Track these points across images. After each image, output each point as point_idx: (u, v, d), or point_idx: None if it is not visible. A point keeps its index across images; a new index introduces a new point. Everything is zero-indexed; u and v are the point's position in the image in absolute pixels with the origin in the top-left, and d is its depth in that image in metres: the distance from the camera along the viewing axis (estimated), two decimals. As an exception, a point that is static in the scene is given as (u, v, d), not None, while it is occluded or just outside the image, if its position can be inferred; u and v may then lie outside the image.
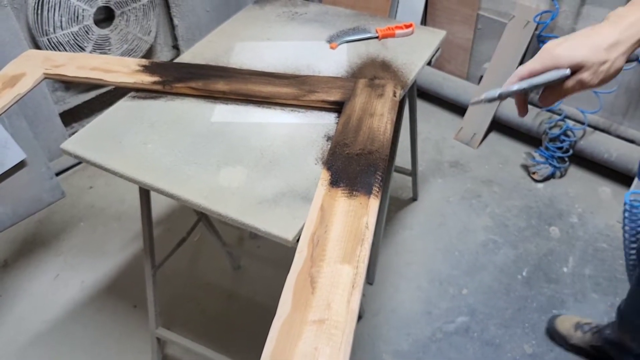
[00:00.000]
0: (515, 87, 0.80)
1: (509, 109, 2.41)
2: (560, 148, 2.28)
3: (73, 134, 2.56)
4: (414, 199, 2.27)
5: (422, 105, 2.76)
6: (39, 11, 2.14)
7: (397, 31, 1.59)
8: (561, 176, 2.34)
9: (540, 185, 2.32)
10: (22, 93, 1.39)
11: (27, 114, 2.20)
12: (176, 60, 1.56)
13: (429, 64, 1.54)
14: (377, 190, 1.08)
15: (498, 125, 2.56)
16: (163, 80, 1.41)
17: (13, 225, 2.22)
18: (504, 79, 2.41)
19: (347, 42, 1.58)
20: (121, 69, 1.45)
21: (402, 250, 2.07)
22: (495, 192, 2.30)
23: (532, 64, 0.80)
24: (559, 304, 1.86)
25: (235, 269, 2.03)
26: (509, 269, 1.99)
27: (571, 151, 2.28)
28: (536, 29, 2.24)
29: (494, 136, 2.57)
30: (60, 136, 2.43)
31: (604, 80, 0.78)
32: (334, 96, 1.34)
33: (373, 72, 1.47)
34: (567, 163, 2.32)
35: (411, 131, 1.96)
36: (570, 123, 2.27)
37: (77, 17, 2.25)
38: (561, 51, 0.78)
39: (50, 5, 2.15)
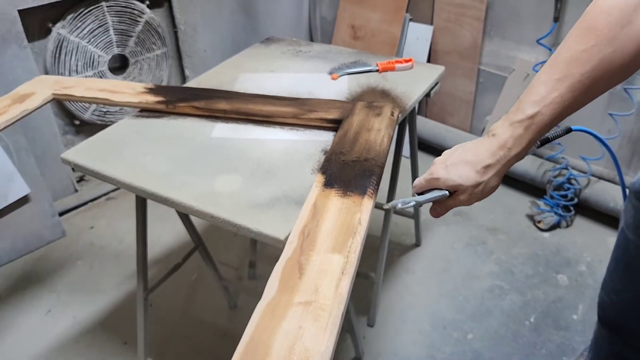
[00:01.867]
0: (405, 205, 0.93)
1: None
2: (564, 196, 2.26)
3: (79, 177, 2.62)
4: (417, 244, 2.23)
5: (425, 158, 2.78)
6: (57, 54, 2.25)
7: (397, 65, 1.64)
8: (567, 226, 2.30)
9: (546, 234, 2.27)
10: (29, 109, 1.42)
11: (35, 152, 2.24)
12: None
13: (427, 95, 1.57)
14: (372, 191, 1.06)
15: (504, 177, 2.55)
16: (167, 100, 1.45)
17: (11, 261, 2.20)
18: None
19: (348, 74, 1.63)
20: (128, 90, 1.50)
21: (404, 293, 2.01)
22: (500, 239, 2.25)
23: (421, 180, 0.93)
24: (569, 351, 1.76)
25: (232, 308, 1.96)
26: (516, 315, 1.90)
27: (576, 200, 2.25)
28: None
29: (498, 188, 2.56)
30: (66, 177, 2.46)
31: (480, 199, 0.89)
32: (333, 114, 1.36)
33: (372, 98, 1.50)
34: (573, 212, 2.29)
35: (412, 167, 1.96)
36: (574, 171, 2.26)
37: (93, 63, 2.36)
38: (441, 174, 0.88)
39: (68, 49, 2.26)
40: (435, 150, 2.75)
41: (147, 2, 2.45)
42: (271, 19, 2.99)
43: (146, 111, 1.47)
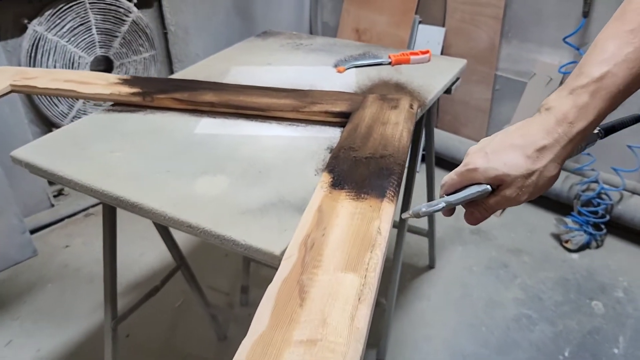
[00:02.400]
0: (432, 208, 0.67)
1: (534, 173, 2.19)
2: (595, 213, 2.03)
3: (57, 192, 2.38)
4: (431, 266, 1.99)
5: (437, 172, 2.55)
6: (33, 54, 2.03)
7: (413, 57, 1.43)
8: (598, 246, 2.06)
9: (575, 255, 2.03)
10: (-20, 101, 1.20)
11: (4, 162, 2.01)
12: (164, 81, 1.39)
13: (447, 91, 1.35)
14: (392, 194, 0.83)
15: (522, 193, 2.32)
16: (143, 91, 1.23)
17: (-29, 284, 1.95)
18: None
19: (356, 66, 1.42)
20: (98, 81, 1.27)
21: (418, 323, 1.76)
22: (524, 262, 2.01)
23: (453, 176, 0.69)
24: (614, 392, 1.51)
25: (221, 340, 1.70)
26: (548, 348, 1.65)
27: (608, 217, 2.02)
28: (561, 82, 2.09)
29: (518, 203, 2.33)
30: (41, 191, 2.23)
31: (534, 194, 0.65)
32: (340, 107, 1.14)
33: (385, 91, 1.28)
34: (604, 230, 2.05)
35: (428, 179, 1.73)
36: (605, 185, 2.03)
37: (73, 64, 2.15)
38: (479, 163, 0.65)
39: (45, 49, 2.05)
40: (447, 164, 2.52)
41: (135, 1, 2.25)
42: (269, 24, 2.79)
43: (120, 105, 1.25)
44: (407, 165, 1.04)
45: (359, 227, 0.75)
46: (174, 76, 1.39)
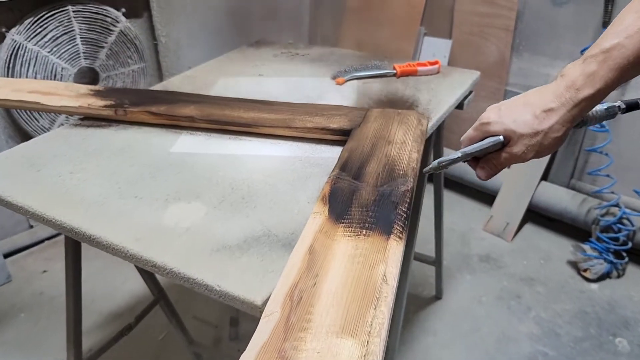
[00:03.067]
0: (450, 158, 0.74)
1: (548, 196, 2.04)
2: (615, 240, 1.87)
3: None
4: (438, 297, 1.82)
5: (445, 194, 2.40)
6: (11, 64, 1.90)
7: (420, 68, 1.29)
8: (619, 275, 1.90)
9: (594, 285, 1.87)
10: None
11: (-22, 179, 1.86)
12: (142, 93, 1.25)
13: (459, 106, 1.21)
14: (400, 229, 0.68)
15: (535, 215, 2.17)
16: (116, 104, 1.08)
17: (-64, 313, 1.79)
18: (538, 161, 2.01)
19: (357, 78, 1.27)
20: (66, 92, 1.13)
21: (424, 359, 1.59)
22: (538, 292, 1.85)
23: (470, 131, 0.74)
24: None
25: (206, 380, 1.54)
26: (569, 392, 1.48)
27: (630, 244, 1.86)
28: (577, 100, 1.94)
29: (530, 227, 2.17)
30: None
31: (540, 153, 0.69)
32: (339, 123, 0.99)
33: (390, 106, 1.13)
34: (626, 259, 1.89)
35: (435, 202, 1.58)
36: (627, 209, 1.88)
37: (55, 76, 2.01)
38: (491, 118, 0.70)
39: (25, 59, 1.91)
40: (454, 184, 2.37)
41: (123, 10, 2.12)
42: (266, 37, 2.66)
43: (90, 119, 1.10)
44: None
45: (359, 273, 0.60)
46: (154, 87, 1.25)
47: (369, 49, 2.45)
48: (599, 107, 0.73)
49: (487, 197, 2.28)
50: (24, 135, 2.06)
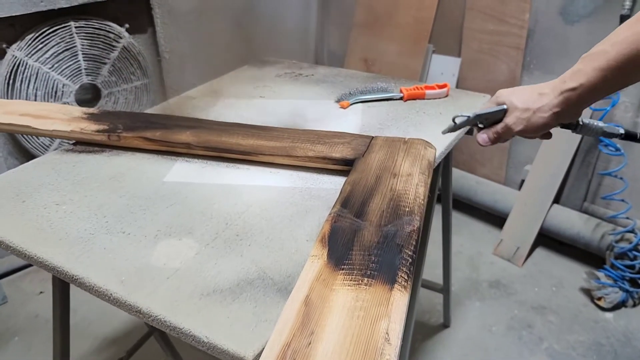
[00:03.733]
0: (464, 116, 0.85)
1: (560, 220, 1.97)
2: (631, 267, 1.79)
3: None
4: (446, 325, 1.75)
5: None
6: (11, 81, 1.86)
7: (429, 91, 1.23)
8: (635, 304, 1.82)
9: (609, 315, 1.80)
10: None
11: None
12: (139, 115, 1.20)
13: (469, 132, 1.15)
14: (406, 277, 0.62)
15: (546, 239, 2.10)
16: (109, 128, 1.04)
17: None
18: (550, 183, 1.95)
19: (363, 101, 1.22)
20: (59, 115, 1.09)
21: (431, 395, 1.52)
22: (551, 322, 1.77)
23: (484, 103, 0.89)
24: None
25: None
26: None
27: (646, 272, 1.79)
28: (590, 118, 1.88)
29: (542, 252, 2.10)
30: (17, 229, 2.03)
31: (528, 130, 0.80)
32: (341, 152, 0.94)
33: (396, 132, 1.08)
34: (643, 287, 1.82)
35: (444, 226, 1.52)
36: (643, 236, 1.81)
37: (56, 93, 1.97)
38: (504, 92, 0.83)
39: (25, 75, 1.88)
40: (462, 205, 2.31)
41: (127, 26, 2.09)
42: (272, 52, 2.61)
43: (82, 144, 1.06)
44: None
45: (359, 330, 0.54)
46: (151, 110, 1.21)
47: (376, 66, 2.40)
48: (599, 122, 0.83)
49: (496, 220, 2.21)
50: (24, 152, 2.03)
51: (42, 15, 1.86)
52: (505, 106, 0.81)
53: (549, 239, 2.10)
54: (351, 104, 1.21)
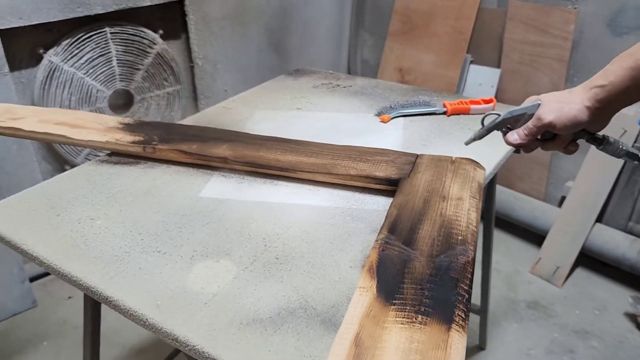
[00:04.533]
0: (495, 118, 0.83)
1: (604, 240, 1.89)
2: (681, 293, 1.70)
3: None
4: (481, 347, 1.68)
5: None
6: (46, 86, 1.87)
7: (474, 106, 1.18)
8: (684, 333, 1.72)
9: (656, 342, 1.70)
10: (-48, 145, 1.00)
11: (9, 202, 1.83)
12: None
13: (517, 150, 1.08)
14: (463, 317, 0.57)
15: (588, 259, 2.01)
16: (145, 139, 1.01)
17: (-40, 338, 1.75)
18: (594, 201, 1.86)
19: (404, 115, 1.17)
20: (94, 125, 1.07)
21: (466, 422, 1.45)
22: (594, 347, 1.69)
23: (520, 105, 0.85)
24: None
25: None
26: None
27: (697, 298, 1.69)
28: (638, 135, 1.79)
29: (582, 272, 2.01)
30: (48, 233, 2.04)
31: (560, 120, 0.77)
32: (385, 171, 0.89)
33: (442, 150, 1.03)
34: (693, 315, 1.72)
35: (484, 247, 1.46)
36: (694, 260, 1.71)
37: (90, 98, 1.98)
38: (532, 97, 0.82)
39: (60, 80, 1.88)
40: (499, 220, 2.23)
41: (161, 32, 2.09)
42: (305, 60, 2.60)
43: (117, 155, 1.04)
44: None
45: (416, 377, 0.49)
46: (186, 121, 1.18)
47: (412, 75, 2.35)
48: (623, 143, 0.81)
49: (535, 237, 2.13)
50: (57, 156, 2.03)
51: (78, 21, 1.87)
52: (539, 102, 0.80)
53: (590, 259, 2.00)
54: (392, 118, 1.16)
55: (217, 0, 2.20)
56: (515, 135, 0.81)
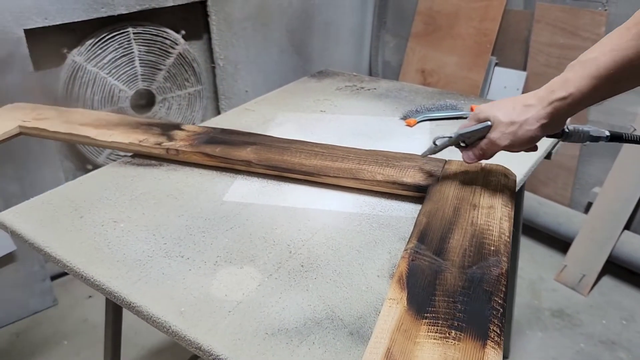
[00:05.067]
0: (445, 138, 0.81)
1: (632, 248, 1.83)
2: None
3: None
4: (505, 356, 1.64)
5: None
6: (70, 86, 1.88)
7: (502, 110, 1.15)
8: None
9: (686, 355, 1.65)
10: (-23, 145, 1.01)
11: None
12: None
13: (547, 156, 1.06)
14: (498, 333, 0.55)
15: (615, 267, 1.96)
16: (169, 142, 1.00)
17: (-17, 335, 1.77)
18: (622, 207, 1.81)
19: (430, 119, 1.15)
20: (120, 126, 1.06)
21: None
22: (621, 359, 1.64)
23: (466, 121, 0.81)
24: None
25: None
26: None
27: None
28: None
29: (609, 281, 1.96)
30: (69, 232, 2.05)
31: (515, 144, 0.74)
32: (412, 177, 0.87)
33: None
34: None
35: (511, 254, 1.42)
36: None
37: (112, 98, 1.98)
38: (483, 107, 0.77)
39: (83, 80, 1.89)
40: (524, 227, 2.18)
41: (183, 32, 2.09)
42: (326, 61, 2.58)
43: (140, 156, 1.03)
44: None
45: (451, 397, 0.47)
46: (208, 123, 1.17)
47: (434, 77, 2.32)
48: (584, 127, 0.79)
49: (560, 244, 2.08)
50: (79, 155, 2.04)
51: (101, 21, 1.87)
52: (489, 122, 0.76)
53: (618, 268, 1.95)
54: (418, 122, 1.13)
55: (239, 1, 2.19)
56: (469, 154, 0.79)
